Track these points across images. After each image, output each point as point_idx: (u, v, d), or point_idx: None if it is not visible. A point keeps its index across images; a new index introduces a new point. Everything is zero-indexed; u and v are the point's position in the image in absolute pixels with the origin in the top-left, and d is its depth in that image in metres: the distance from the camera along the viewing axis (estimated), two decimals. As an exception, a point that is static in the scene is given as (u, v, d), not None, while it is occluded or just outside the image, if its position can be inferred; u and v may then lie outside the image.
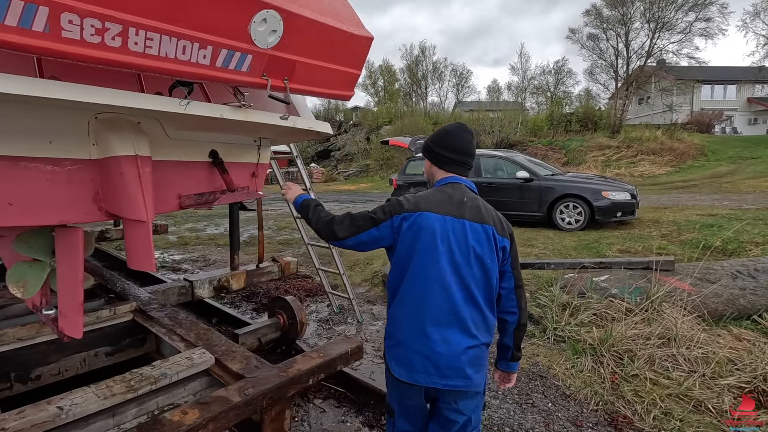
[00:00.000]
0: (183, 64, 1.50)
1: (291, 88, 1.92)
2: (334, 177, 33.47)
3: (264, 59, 1.73)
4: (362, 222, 1.55)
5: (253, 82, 1.75)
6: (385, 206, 1.56)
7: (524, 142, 25.35)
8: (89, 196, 2.03)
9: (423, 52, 45.64)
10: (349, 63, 2.14)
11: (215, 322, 4.07)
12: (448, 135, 1.65)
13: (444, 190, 1.57)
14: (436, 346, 1.44)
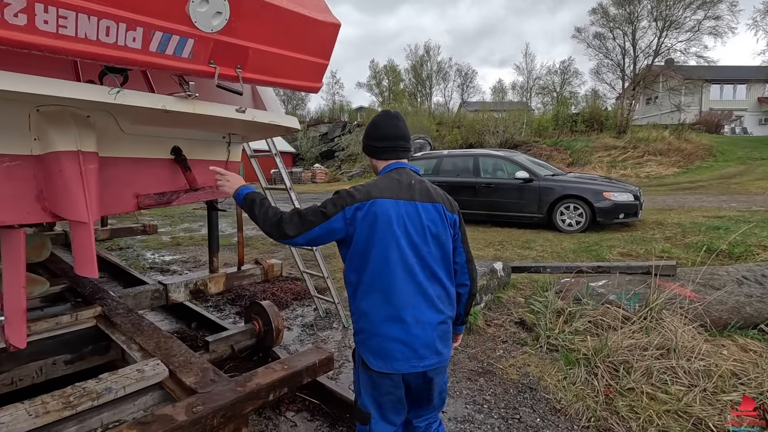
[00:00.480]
0: (108, 47, 1.34)
1: (245, 78, 1.76)
2: (337, 177, 33.35)
3: (209, 44, 1.56)
4: (312, 217, 1.49)
5: (197, 70, 1.59)
6: (335, 199, 1.52)
7: (529, 142, 25.07)
8: (32, 194, 1.88)
9: (428, 53, 45.53)
10: (313, 51, 1.97)
11: (194, 326, 3.92)
12: (374, 126, 1.69)
13: (390, 176, 1.59)
14: (411, 328, 1.46)
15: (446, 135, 30.19)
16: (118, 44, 1.35)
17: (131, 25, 1.34)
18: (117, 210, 2.18)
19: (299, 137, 41.95)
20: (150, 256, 7.07)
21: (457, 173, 9.03)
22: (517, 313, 4.01)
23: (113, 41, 1.34)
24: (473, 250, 6.52)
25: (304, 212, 1.51)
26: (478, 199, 8.57)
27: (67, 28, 1.24)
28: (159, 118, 2.12)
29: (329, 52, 2.05)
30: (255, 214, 1.56)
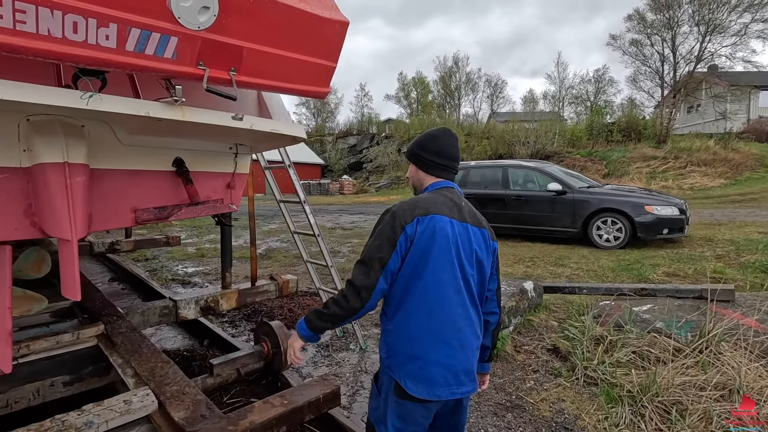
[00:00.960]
0: (76, 46, 1.19)
1: (240, 82, 1.58)
2: (365, 189, 33.41)
3: (195, 43, 1.40)
4: (379, 253, 1.39)
5: (183, 72, 1.43)
6: (389, 222, 1.43)
7: (561, 153, 24.27)
8: (20, 209, 1.77)
9: (457, 64, 45.32)
10: (318, 52, 1.78)
11: (206, 343, 3.79)
12: (434, 139, 1.60)
13: (443, 194, 1.53)
14: (456, 352, 1.43)
15: (475, 146, 29.73)
16: (88, 42, 1.20)
17: (103, 21, 1.19)
18: (112, 225, 2.06)
19: (327, 149, 42.46)
20: (174, 267, 7.08)
21: (485, 185, 8.69)
22: (549, 339, 3.66)
23: (82, 39, 1.18)
24: (502, 266, 6.14)
25: (366, 257, 1.40)
26: (507, 212, 8.19)
27: (26, 24, 1.09)
28: (157, 127, 1.98)
29: (336, 54, 1.86)
30: (330, 315, 1.41)
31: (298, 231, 3.75)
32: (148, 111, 1.44)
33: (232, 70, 1.54)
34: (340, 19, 1.77)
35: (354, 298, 1.37)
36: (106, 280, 5.93)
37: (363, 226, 12.12)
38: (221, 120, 1.65)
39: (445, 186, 1.57)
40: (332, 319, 1.42)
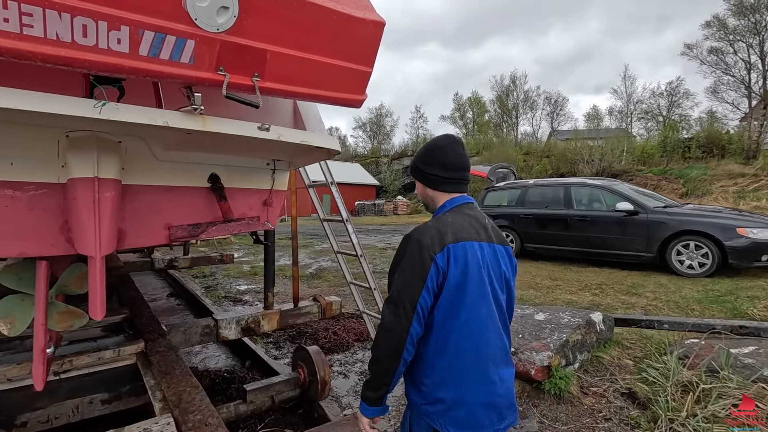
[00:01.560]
0: (86, 51, 1.12)
1: (264, 89, 1.47)
2: (419, 209, 33.19)
3: (214, 47, 1.30)
4: (409, 290, 1.24)
5: (202, 78, 1.33)
6: (417, 253, 1.26)
7: (630, 171, 22.57)
8: (56, 225, 1.76)
9: (514, 82, 44.45)
10: (352, 56, 1.64)
11: (248, 365, 3.71)
12: (439, 151, 1.43)
13: (464, 213, 1.38)
14: (497, 388, 1.31)
15: (534, 165, 28.59)
16: (99, 47, 1.13)
17: (113, 23, 1.11)
18: (146, 242, 2.02)
19: (383, 170, 43.03)
20: (228, 284, 7.26)
21: (545, 204, 8.13)
22: (624, 381, 3.15)
23: (92, 43, 1.12)
24: (564, 293, 5.58)
25: (395, 295, 1.26)
26: (571, 234, 7.56)
27: (34, 28, 1.04)
28: (192, 142, 1.93)
29: (372, 57, 1.70)
30: (377, 380, 1.28)
31: (342, 251, 3.61)
32: (167, 121, 1.36)
33: (255, 75, 1.43)
34: (375, 20, 1.62)
35: (388, 352, 1.24)
36: (165, 295, 6.17)
37: (415, 246, 11.83)
38: (246, 130, 1.55)
39: (465, 203, 1.43)
40: (378, 382, 1.28)
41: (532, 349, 3.23)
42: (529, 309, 4.03)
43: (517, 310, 4.04)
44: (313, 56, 1.53)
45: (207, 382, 3.27)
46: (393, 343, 1.23)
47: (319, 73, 1.59)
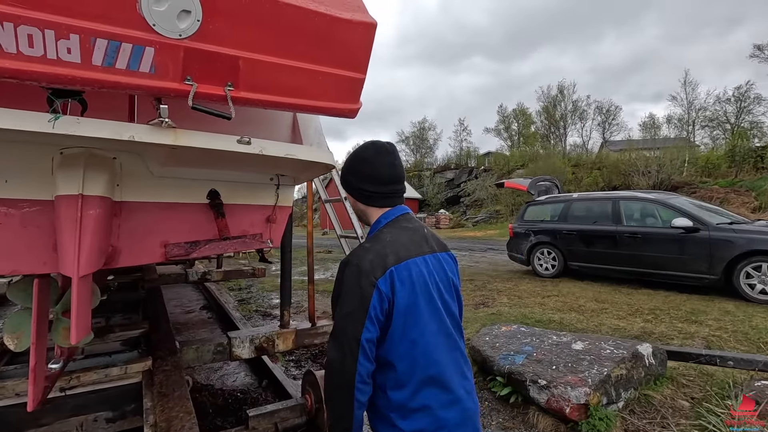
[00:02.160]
0: (34, 62, 1.05)
1: (239, 99, 1.36)
2: (461, 223, 32.59)
3: (178, 54, 1.21)
4: (351, 324, 1.12)
5: (165, 89, 1.24)
6: (356, 281, 1.14)
7: (693, 183, 20.86)
8: (50, 243, 1.74)
9: (561, 92, 42.90)
10: (340, 62, 1.50)
11: (264, 384, 3.61)
12: (363, 163, 1.32)
13: (402, 226, 1.30)
14: (466, 402, 1.24)
15: (584, 177, 27.22)
16: (47, 58, 1.06)
17: (61, 32, 1.04)
18: (140, 260, 1.96)
19: (425, 183, 42.76)
20: (261, 298, 7.32)
21: (591, 220, 7.56)
22: (678, 427, 2.72)
23: (40, 54, 1.05)
24: (611, 318, 5.08)
25: (336, 329, 1.16)
26: (620, 252, 6.95)
27: (-27, 39, 0.98)
28: (184, 157, 1.87)
29: (364, 63, 1.56)
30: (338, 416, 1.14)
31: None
32: (132, 135, 1.28)
33: (228, 85, 1.32)
34: (365, 21, 1.48)
35: (339, 394, 1.12)
36: (199, 307, 6.29)
37: (453, 262, 11.47)
38: (224, 144, 1.44)
39: (401, 215, 1.33)
40: (339, 429, 1.13)
41: (567, 384, 2.88)
42: (566, 336, 3.66)
43: (552, 337, 3.67)
44: (295, 63, 1.41)
45: (220, 401, 3.20)
46: (342, 383, 1.11)
47: (303, 82, 1.46)
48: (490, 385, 3.45)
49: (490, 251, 14.66)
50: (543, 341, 3.60)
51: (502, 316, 5.17)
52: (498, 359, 3.45)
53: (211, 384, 3.57)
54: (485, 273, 9.17)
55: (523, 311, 5.41)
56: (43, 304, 1.84)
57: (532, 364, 3.22)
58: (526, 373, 3.12)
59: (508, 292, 6.80)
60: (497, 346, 3.67)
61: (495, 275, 8.76)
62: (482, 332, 4.10)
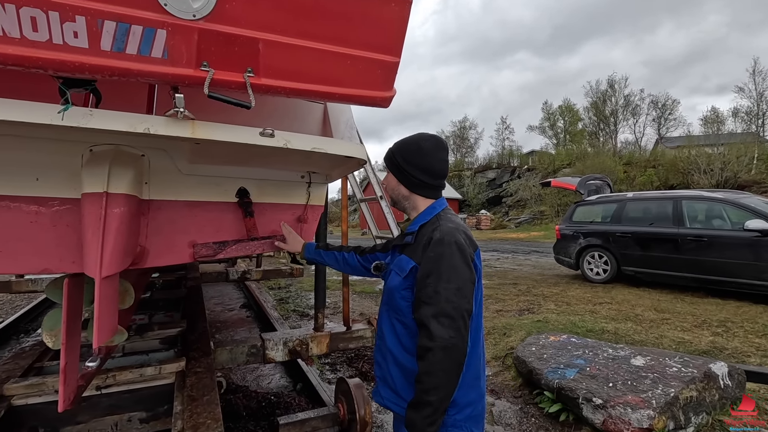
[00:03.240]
0: (39, 48, 0.98)
1: (258, 86, 1.24)
2: (503, 224, 31.67)
3: (192, 37, 1.10)
4: (466, 302, 1.17)
5: (180, 76, 1.14)
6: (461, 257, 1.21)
7: (763, 182, 19.04)
8: (79, 242, 1.71)
9: (612, 86, 40.69)
10: (371, 43, 1.36)
11: (298, 388, 3.53)
12: (424, 156, 1.37)
13: (455, 216, 1.38)
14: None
15: (637, 176, 25.64)
16: (53, 43, 0.98)
17: (66, 13, 0.96)
18: (168, 261, 1.91)
19: (465, 183, 41.98)
20: (299, 297, 7.34)
21: (648, 221, 6.98)
22: (762, 462, 2.35)
23: (45, 38, 0.97)
24: (674, 329, 4.62)
25: (450, 307, 1.14)
26: (683, 257, 6.35)
27: (-26, 23, 0.91)
28: (211, 153, 1.80)
29: (399, 44, 1.40)
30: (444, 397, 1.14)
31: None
32: (148, 127, 1.19)
33: (248, 70, 1.20)
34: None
35: (451, 374, 1.13)
36: (239, 306, 6.38)
37: (494, 265, 11.07)
38: (245, 136, 1.33)
39: (447, 206, 1.42)
40: (440, 411, 1.13)
41: (627, 404, 2.58)
42: (625, 350, 3.31)
43: (607, 350, 3.34)
44: (321, 45, 1.28)
45: (254, 404, 3.14)
46: (455, 361, 1.13)
47: (330, 66, 1.32)
48: (537, 400, 3.18)
49: (535, 254, 14.06)
50: (597, 354, 3.28)
51: (549, 324, 4.84)
52: (546, 372, 3.17)
53: (246, 385, 3.54)
54: (530, 277, 8.74)
55: (572, 319, 5.04)
56: (74, 303, 1.81)
57: (586, 380, 2.93)
58: (578, 390, 2.83)
59: (555, 298, 6.39)
60: (545, 357, 3.39)
61: (540, 279, 8.32)
62: (528, 341, 3.82)
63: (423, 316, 1.15)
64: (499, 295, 6.81)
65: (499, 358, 4.19)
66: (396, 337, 1.32)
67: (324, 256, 1.86)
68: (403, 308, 1.28)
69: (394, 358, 1.32)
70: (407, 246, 1.35)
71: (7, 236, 1.62)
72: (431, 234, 1.25)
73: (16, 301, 6.64)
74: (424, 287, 1.18)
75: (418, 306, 1.18)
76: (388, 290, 1.36)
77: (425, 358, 1.12)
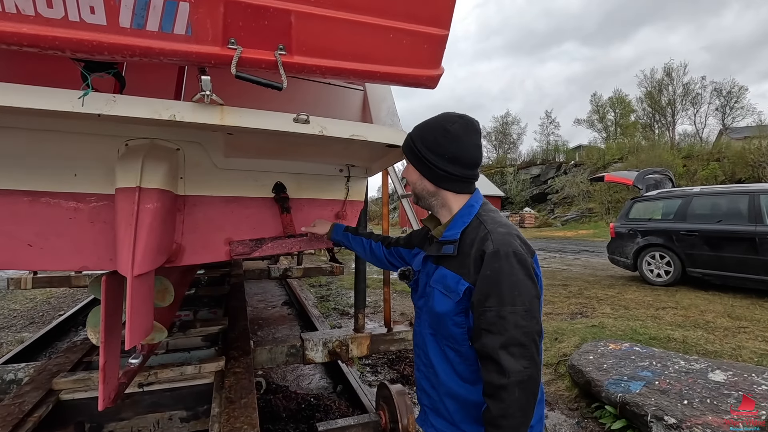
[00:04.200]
0: (55, 26, 0.90)
1: (293, 65, 1.11)
2: (549, 222, 30.43)
3: (217, 10, 0.99)
4: (536, 324, 1.01)
5: (205, 55, 1.03)
6: (524, 270, 1.02)
7: None
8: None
9: (669, 75, 37.95)
10: (416, 14, 1.19)
11: (339, 390, 3.44)
12: (454, 141, 1.12)
13: (501, 217, 1.17)
14: None
15: (698, 170, 23.77)
16: (69, 20, 0.90)
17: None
18: (203, 258, 1.84)
19: (508, 180, 40.75)
20: (340, 295, 7.30)
21: (717, 218, 6.33)
22: None
23: (60, 15, 0.89)
24: (753, 339, 4.13)
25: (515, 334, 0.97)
26: (761, 259, 5.69)
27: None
28: (245, 146, 1.71)
29: (448, 14, 1.22)
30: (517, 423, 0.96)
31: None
32: (173, 114, 1.09)
33: (280, 48, 1.08)
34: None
35: (528, 407, 0.96)
36: (280, 303, 6.42)
37: (541, 265, 10.54)
38: (277, 123, 1.21)
39: (485, 201, 1.22)
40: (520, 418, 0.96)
41: (707, 425, 2.27)
42: (700, 362, 2.94)
43: (678, 362, 2.99)
44: (359, 17, 1.13)
45: (293, 405, 3.08)
46: (532, 394, 0.96)
47: (370, 42, 1.17)
48: (597, 414, 2.90)
49: (584, 253, 13.31)
50: (666, 366, 2.94)
51: (606, 330, 4.46)
52: (607, 384, 2.88)
53: (287, 385, 3.49)
54: (580, 278, 8.22)
55: (632, 325, 4.62)
56: (112, 301, 1.78)
57: (655, 395, 2.62)
58: (646, 406, 2.53)
59: (611, 301, 5.94)
60: (605, 367, 3.08)
61: (593, 281, 7.80)
62: (584, 349, 3.51)
63: (488, 348, 0.97)
64: (548, 297, 6.42)
65: (551, 366, 3.90)
66: (449, 366, 1.13)
67: (351, 240, 1.73)
68: (457, 336, 1.09)
69: (448, 390, 1.14)
70: (447, 258, 1.13)
71: (47, 232, 1.61)
72: (482, 245, 1.05)
73: (77, 295, 7.05)
74: (483, 312, 1.00)
75: (479, 335, 1.00)
76: (436, 316, 1.13)
77: (498, 397, 0.95)
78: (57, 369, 2.41)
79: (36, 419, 1.91)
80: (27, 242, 1.59)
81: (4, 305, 6.55)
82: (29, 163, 1.55)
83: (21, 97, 0.94)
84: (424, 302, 1.21)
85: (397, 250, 1.55)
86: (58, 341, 4.74)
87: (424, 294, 1.22)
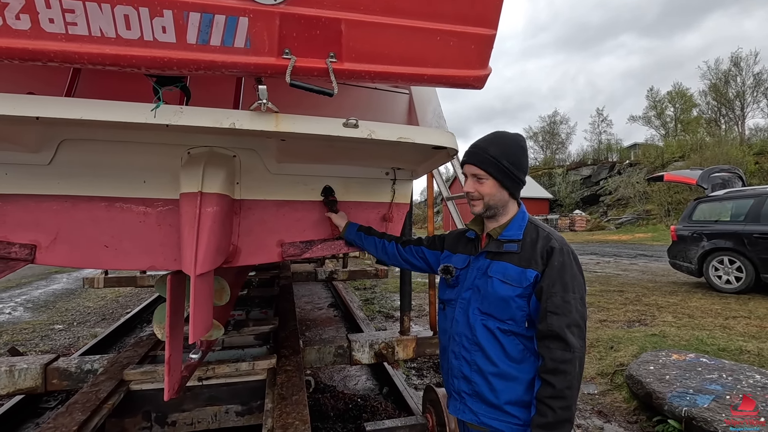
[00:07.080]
0: (133, 45, 0.99)
1: (343, 71, 1.15)
2: (602, 225, 28.96)
3: (273, 23, 1.05)
4: (585, 306, 1.22)
5: (262, 65, 1.09)
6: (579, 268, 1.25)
7: None
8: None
9: (737, 65, 34.98)
10: (463, 15, 1.20)
11: (385, 392, 3.46)
12: (524, 153, 1.34)
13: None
14: None
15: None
16: (144, 39, 0.99)
17: (154, 8, 0.96)
18: (258, 260, 1.93)
19: (557, 182, 39.21)
20: (384, 298, 7.34)
21: (797, 220, 5.75)
22: None
23: (137, 36, 0.98)
24: None
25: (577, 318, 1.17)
26: None
27: (78, 26, 0.95)
28: (296, 151, 1.78)
29: (496, 14, 1.22)
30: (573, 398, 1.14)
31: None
32: (233, 122, 1.16)
33: (331, 55, 1.12)
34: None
35: (579, 381, 1.15)
36: (327, 305, 6.56)
37: (594, 270, 10.06)
38: (328, 128, 1.25)
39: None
40: (573, 416, 1.13)
41: (788, 447, 2.06)
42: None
43: (754, 376, 2.75)
44: (406, 21, 1.15)
45: (341, 405, 3.13)
46: (581, 370, 1.16)
47: (417, 45, 1.19)
48: (659, 428, 2.72)
49: (642, 258, 12.54)
50: (739, 380, 2.71)
51: (667, 339, 4.18)
52: (670, 397, 2.70)
53: (334, 385, 3.56)
54: (638, 284, 7.75)
55: (698, 335, 4.30)
56: (176, 299, 1.91)
57: (725, 410, 2.42)
58: (716, 422, 2.35)
59: (673, 309, 5.55)
60: (668, 379, 2.89)
61: (652, 287, 7.33)
62: (644, 358, 3.31)
63: (555, 327, 1.14)
64: (602, 303, 6.11)
65: (606, 375, 3.70)
66: (500, 348, 1.27)
67: (364, 239, 1.84)
68: (518, 318, 1.25)
69: (498, 370, 1.26)
70: (508, 254, 1.29)
71: (120, 235, 1.76)
72: (548, 243, 1.25)
73: (141, 294, 7.59)
74: (551, 296, 1.17)
75: (545, 316, 1.17)
76: (498, 299, 1.26)
77: (564, 371, 1.11)
78: (127, 361, 2.60)
79: (110, 406, 2.07)
80: (104, 243, 1.75)
81: (80, 303, 7.17)
82: (106, 171, 1.70)
83: (104, 111, 1.05)
84: (472, 293, 1.34)
85: (419, 250, 1.71)
86: (126, 336, 5.12)
87: (472, 286, 1.34)
